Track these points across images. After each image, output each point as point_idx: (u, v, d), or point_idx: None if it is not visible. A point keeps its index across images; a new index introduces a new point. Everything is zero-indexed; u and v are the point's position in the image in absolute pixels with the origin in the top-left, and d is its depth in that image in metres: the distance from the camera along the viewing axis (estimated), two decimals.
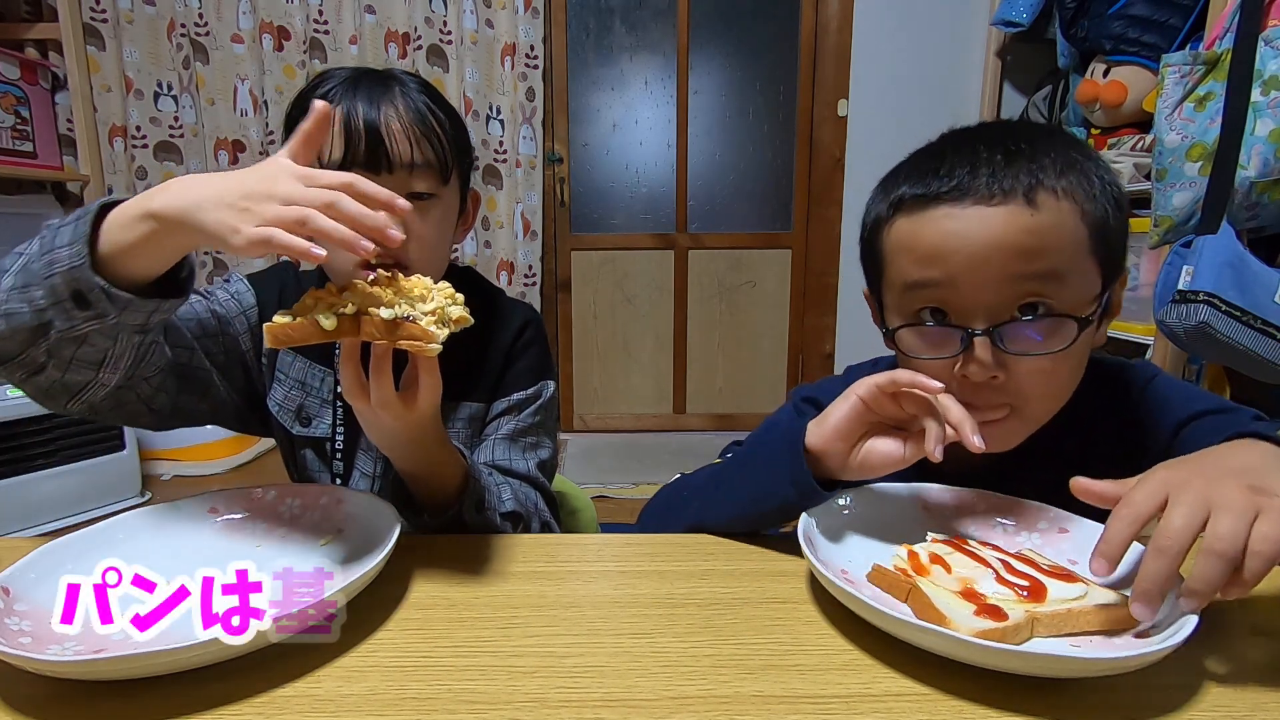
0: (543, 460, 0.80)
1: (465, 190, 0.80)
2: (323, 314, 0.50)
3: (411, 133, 0.69)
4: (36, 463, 1.88)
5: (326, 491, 0.63)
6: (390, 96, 0.70)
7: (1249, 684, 0.43)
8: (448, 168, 0.73)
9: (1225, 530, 0.39)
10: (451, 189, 0.75)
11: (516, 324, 0.83)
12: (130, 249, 0.50)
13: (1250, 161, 1.26)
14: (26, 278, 0.52)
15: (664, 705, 0.41)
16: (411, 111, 0.70)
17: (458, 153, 0.75)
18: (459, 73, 2.39)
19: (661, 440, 2.80)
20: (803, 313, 2.84)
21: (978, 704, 0.40)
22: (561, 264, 2.77)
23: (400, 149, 0.69)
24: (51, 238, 0.52)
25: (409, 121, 0.70)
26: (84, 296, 0.51)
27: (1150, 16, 1.78)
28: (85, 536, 0.55)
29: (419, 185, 0.70)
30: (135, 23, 2.31)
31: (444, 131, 0.72)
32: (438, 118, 0.72)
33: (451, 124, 0.74)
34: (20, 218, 2.16)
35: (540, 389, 0.82)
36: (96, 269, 0.50)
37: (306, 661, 0.44)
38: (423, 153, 0.70)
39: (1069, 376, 0.59)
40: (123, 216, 0.50)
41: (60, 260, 0.51)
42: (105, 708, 0.41)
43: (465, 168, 0.78)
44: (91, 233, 0.50)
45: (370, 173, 0.67)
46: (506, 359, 0.81)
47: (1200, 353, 1.39)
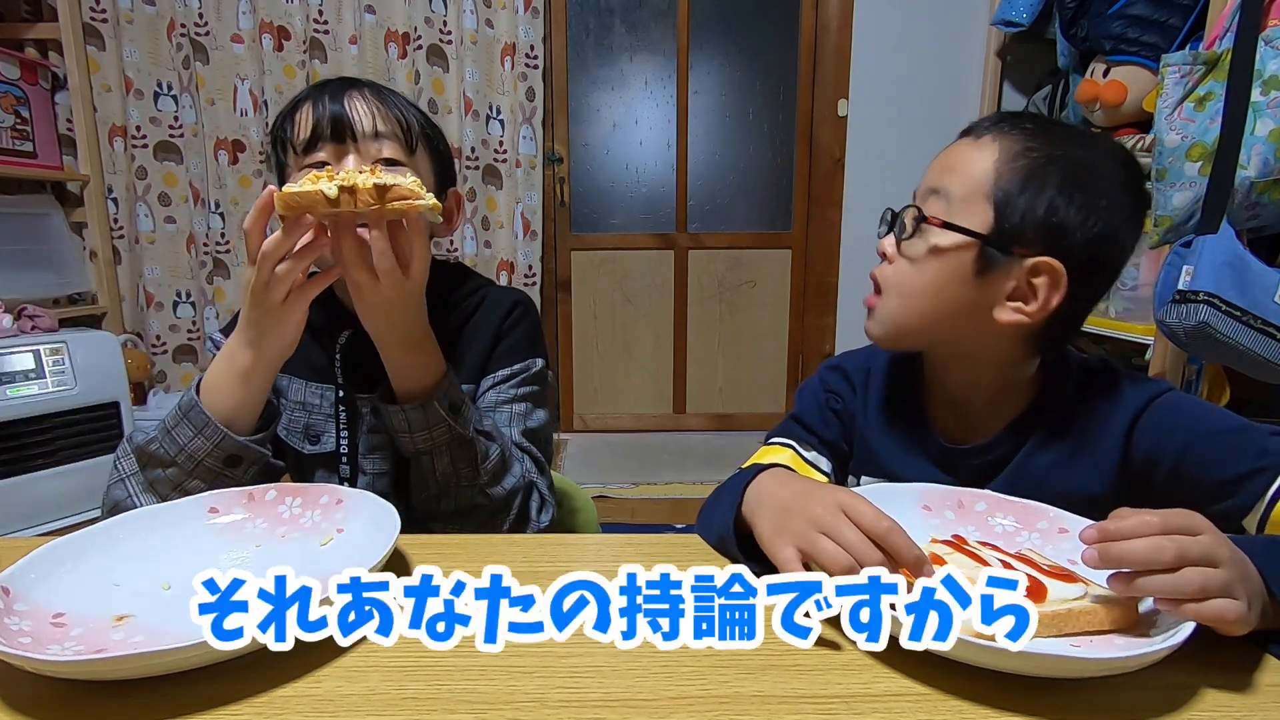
0: (531, 428, 0.82)
1: (443, 181, 0.83)
2: (325, 184, 0.58)
3: (375, 106, 0.75)
4: (36, 463, 1.88)
5: (326, 491, 0.63)
6: (355, 86, 0.76)
7: (1249, 684, 0.43)
8: (412, 136, 0.77)
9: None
10: (422, 162, 0.79)
11: (505, 306, 0.85)
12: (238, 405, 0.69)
13: (1250, 161, 1.26)
14: (168, 482, 0.68)
15: (664, 705, 0.41)
16: (374, 93, 0.77)
17: (427, 137, 0.79)
18: (459, 73, 2.39)
19: (661, 440, 2.80)
20: (803, 313, 2.84)
21: (977, 704, 0.40)
22: (561, 264, 2.77)
23: (363, 121, 0.74)
24: (169, 440, 0.68)
25: (371, 98, 0.76)
26: (237, 457, 0.68)
27: (1150, 16, 1.78)
28: (85, 536, 0.55)
29: (385, 151, 0.75)
30: (135, 23, 2.31)
31: (408, 111, 0.78)
32: (402, 102, 0.78)
33: (420, 115, 0.80)
34: (20, 218, 2.16)
35: (528, 365, 0.84)
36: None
37: (306, 661, 0.44)
38: (386, 123, 0.75)
39: (920, 283, 0.65)
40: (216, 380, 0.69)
41: (200, 448, 0.67)
42: (105, 708, 0.41)
43: (438, 154, 0.82)
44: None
45: (337, 144, 0.73)
46: (494, 338, 0.84)
47: (1200, 353, 1.39)
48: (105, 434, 2.00)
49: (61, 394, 1.90)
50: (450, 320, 0.83)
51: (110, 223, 2.38)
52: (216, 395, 0.68)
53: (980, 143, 0.64)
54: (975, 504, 0.62)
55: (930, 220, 0.64)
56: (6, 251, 2.07)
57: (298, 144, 0.75)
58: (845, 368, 0.79)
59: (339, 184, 0.58)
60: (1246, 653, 0.46)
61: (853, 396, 0.77)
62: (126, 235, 2.39)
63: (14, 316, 1.94)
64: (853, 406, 0.76)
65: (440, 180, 0.83)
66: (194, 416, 0.67)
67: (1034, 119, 0.65)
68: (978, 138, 0.64)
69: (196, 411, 0.67)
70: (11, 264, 2.08)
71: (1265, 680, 0.43)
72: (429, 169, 0.80)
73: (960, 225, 0.62)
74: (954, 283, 0.63)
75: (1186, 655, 0.41)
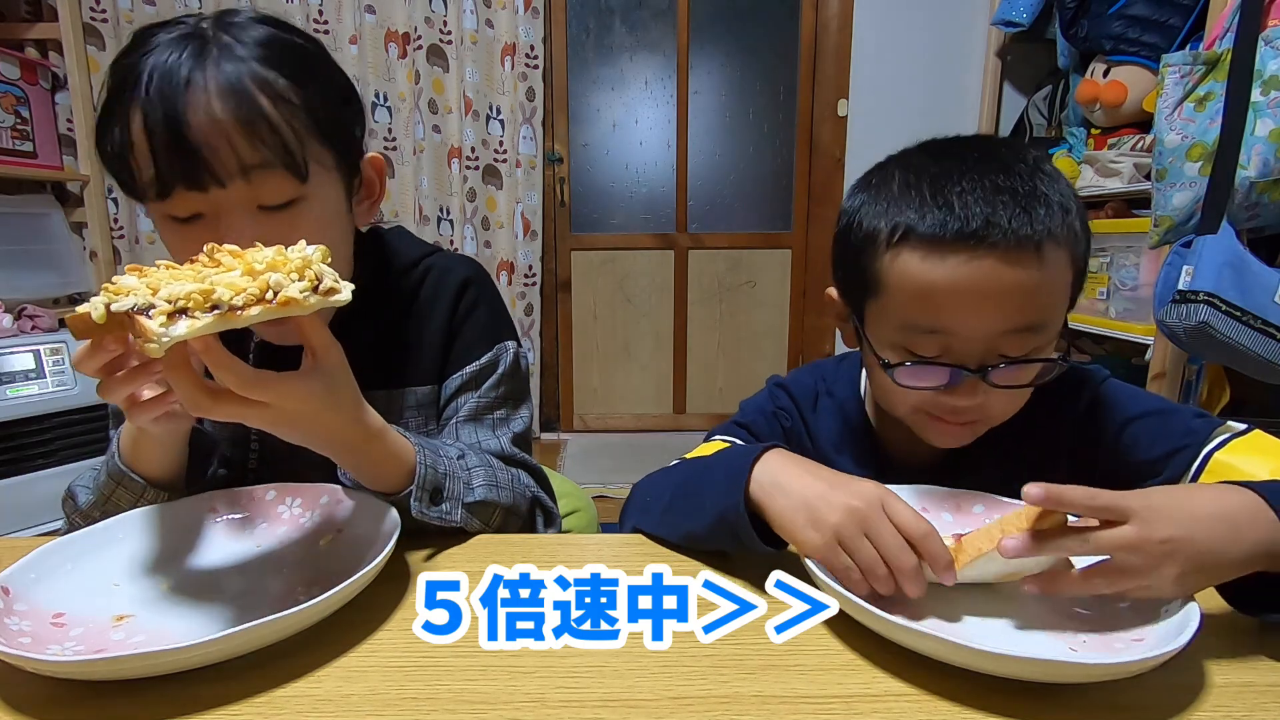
0: (517, 434, 0.72)
1: (350, 162, 0.63)
2: (95, 302, 0.41)
3: (236, 128, 0.53)
4: (36, 463, 1.88)
5: (326, 491, 0.63)
6: (204, 77, 0.53)
7: (1249, 684, 0.43)
8: (302, 162, 0.56)
9: (1131, 587, 0.44)
10: (322, 181, 0.59)
11: (453, 290, 0.72)
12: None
13: (1250, 161, 1.26)
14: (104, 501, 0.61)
15: (664, 705, 0.41)
16: (235, 97, 0.53)
17: (321, 126, 0.58)
18: (459, 73, 2.39)
19: (661, 440, 2.80)
20: (803, 313, 2.84)
21: (977, 705, 0.40)
22: (561, 264, 2.77)
23: (220, 157, 0.53)
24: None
25: (231, 113, 0.53)
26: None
27: (1150, 16, 1.78)
28: (85, 536, 0.55)
29: (266, 197, 0.55)
30: (135, 23, 2.30)
31: (289, 111, 0.55)
32: (275, 91, 0.55)
33: (304, 89, 0.56)
34: (20, 218, 2.16)
35: (497, 354, 0.72)
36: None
37: (306, 661, 0.44)
38: (259, 151, 0.54)
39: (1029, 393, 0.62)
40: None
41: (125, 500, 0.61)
42: (105, 708, 0.41)
43: (343, 134, 0.61)
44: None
45: (197, 191, 0.54)
46: (449, 332, 0.72)
47: (1200, 353, 1.39)
48: (105, 434, 2.00)
49: (61, 394, 1.90)
50: (392, 311, 0.71)
51: (110, 223, 2.38)
52: (136, 460, 0.60)
53: (1049, 260, 0.55)
54: (973, 506, 0.62)
55: (1062, 350, 0.59)
56: (6, 251, 2.07)
57: (143, 188, 0.55)
58: (793, 391, 0.76)
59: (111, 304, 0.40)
60: (1247, 652, 0.46)
61: (798, 421, 0.75)
62: (126, 235, 2.39)
63: (14, 316, 1.94)
64: (798, 429, 0.75)
65: (348, 166, 0.63)
66: (115, 474, 0.61)
67: (1029, 187, 0.55)
68: (1042, 255, 0.54)
69: (117, 469, 0.60)
70: (11, 264, 2.08)
71: (1265, 680, 0.43)
72: (334, 175, 0.61)
73: (1058, 350, 0.59)
74: None
75: (1186, 656, 0.41)
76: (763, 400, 0.77)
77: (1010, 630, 0.48)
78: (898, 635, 0.44)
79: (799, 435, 0.75)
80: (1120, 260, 1.78)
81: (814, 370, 0.77)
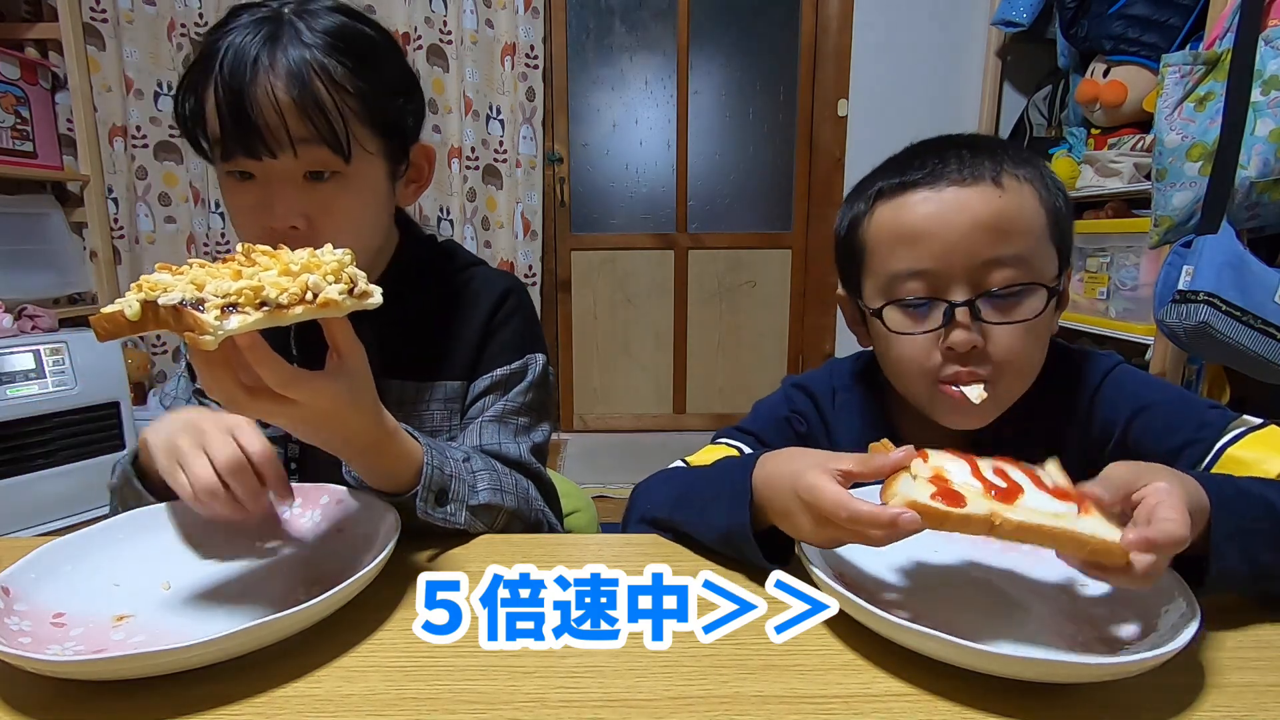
0: (536, 444, 0.75)
1: (399, 148, 0.70)
2: (128, 298, 0.42)
3: (291, 108, 0.60)
4: (36, 463, 1.88)
5: (326, 491, 0.63)
6: (271, 59, 0.60)
7: (1249, 684, 0.43)
8: (345, 143, 0.62)
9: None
10: (365, 161, 0.65)
11: (495, 295, 0.76)
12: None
13: (1250, 161, 1.26)
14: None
15: (664, 705, 0.41)
16: (295, 80, 0.60)
17: (373, 114, 0.65)
18: (459, 73, 2.39)
19: (661, 440, 2.80)
20: (803, 313, 2.84)
21: (977, 705, 0.40)
22: (561, 264, 2.77)
23: (273, 132, 0.60)
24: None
25: (288, 94, 0.60)
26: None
27: (1150, 16, 1.78)
28: (85, 536, 0.55)
29: (311, 164, 0.62)
30: (135, 23, 2.31)
31: (341, 97, 0.62)
32: (332, 78, 0.61)
33: (361, 77, 0.63)
34: (20, 218, 2.16)
35: (527, 364, 0.75)
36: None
37: (306, 661, 0.44)
38: (308, 129, 0.61)
39: (1036, 351, 0.62)
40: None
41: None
42: (105, 708, 0.41)
43: (394, 123, 0.68)
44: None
45: (250, 159, 0.61)
46: (485, 332, 0.75)
47: (1200, 353, 1.39)
48: (105, 434, 2.01)
49: (61, 394, 1.90)
50: (433, 305, 0.75)
51: (110, 223, 2.38)
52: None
53: (1009, 188, 0.59)
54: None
55: (1056, 289, 0.61)
56: (6, 251, 2.07)
57: (211, 146, 0.64)
58: (812, 389, 0.76)
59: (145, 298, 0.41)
60: (1247, 652, 0.46)
61: (818, 421, 0.75)
62: (127, 235, 2.39)
63: (14, 316, 1.94)
64: (817, 431, 0.74)
65: (395, 150, 0.69)
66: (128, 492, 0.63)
67: (987, 145, 0.62)
68: (1000, 184, 0.59)
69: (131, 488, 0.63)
70: (11, 264, 2.08)
71: (1265, 680, 0.43)
72: (379, 158, 0.67)
73: (1048, 284, 0.60)
74: (1048, 327, 0.63)
75: (1186, 656, 0.41)
76: (777, 402, 0.77)
77: (1010, 630, 0.48)
78: (898, 635, 0.44)
79: (817, 438, 0.74)
80: (1120, 260, 1.78)
81: (831, 368, 0.78)
